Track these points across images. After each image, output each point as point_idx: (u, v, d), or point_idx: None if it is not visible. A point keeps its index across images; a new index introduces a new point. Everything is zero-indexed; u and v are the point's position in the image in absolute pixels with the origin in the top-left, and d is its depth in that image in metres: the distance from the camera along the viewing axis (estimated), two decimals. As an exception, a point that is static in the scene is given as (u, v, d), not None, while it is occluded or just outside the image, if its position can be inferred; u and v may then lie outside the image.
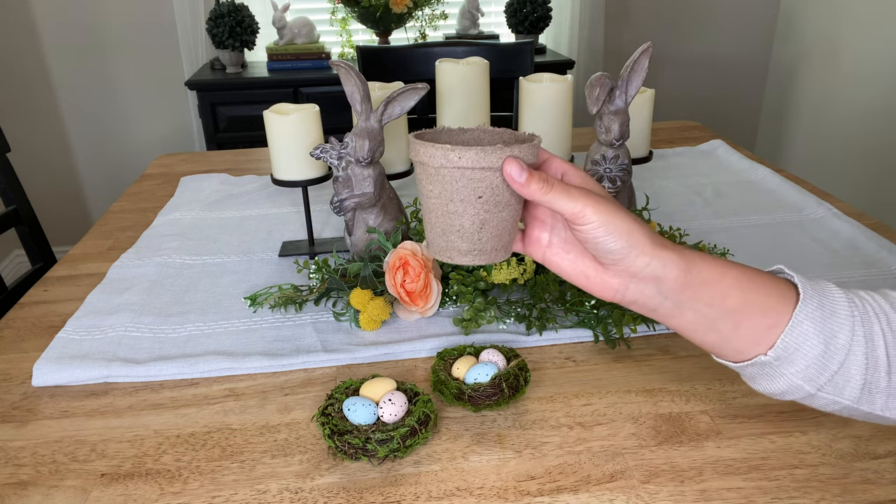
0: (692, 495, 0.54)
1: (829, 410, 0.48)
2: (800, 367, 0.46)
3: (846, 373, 0.46)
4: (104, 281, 0.90)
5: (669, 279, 0.47)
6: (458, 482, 0.56)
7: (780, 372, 0.47)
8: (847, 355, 0.45)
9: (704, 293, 0.47)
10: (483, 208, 0.47)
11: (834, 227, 0.99)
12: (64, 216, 2.51)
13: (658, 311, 0.48)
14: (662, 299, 0.47)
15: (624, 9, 2.54)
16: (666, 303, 0.48)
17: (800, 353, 0.45)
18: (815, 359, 0.45)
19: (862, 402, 0.46)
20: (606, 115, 0.85)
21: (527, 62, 1.64)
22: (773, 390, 0.48)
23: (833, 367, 0.45)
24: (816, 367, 0.46)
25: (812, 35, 2.46)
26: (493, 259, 0.49)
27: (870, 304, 0.47)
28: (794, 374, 0.46)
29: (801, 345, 0.45)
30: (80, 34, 2.30)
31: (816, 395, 0.47)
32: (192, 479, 0.57)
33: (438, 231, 0.49)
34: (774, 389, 0.48)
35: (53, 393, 0.69)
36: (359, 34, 2.40)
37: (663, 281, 0.47)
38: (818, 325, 0.45)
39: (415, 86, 0.80)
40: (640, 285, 0.48)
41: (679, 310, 0.48)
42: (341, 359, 0.73)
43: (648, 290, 0.47)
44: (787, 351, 0.46)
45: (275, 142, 0.89)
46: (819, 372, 0.46)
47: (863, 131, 2.25)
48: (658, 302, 0.48)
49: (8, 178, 1.22)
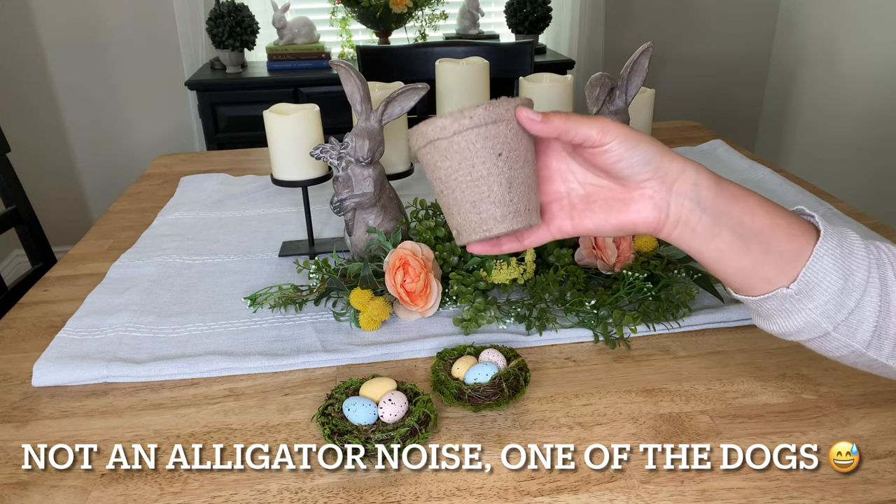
0: (692, 495, 0.54)
1: (837, 355, 0.48)
2: (819, 302, 0.46)
3: (861, 313, 0.46)
4: (104, 281, 0.90)
5: (705, 185, 0.47)
6: (458, 482, 0.56)
7: (799, 307, 0.47)
8: (863, 294, 0.46)
9: (736, 208, 0.47)
10: (506, 165, 0.46)
11: (834, 227, 0.99)
12: (64, 216, 2.51)
13: (697, 232, 0.48)
14: (701, 213, 0.47)
15: (624, 9, 2.54)
16: (705, 218, 0.47)
17: (820, 289, 0.46)
18: (834, 294, 0.46)
19: (871, 346, 0.47)
20: (606, 114, 0.85)
21: (527, 62, 1.64)
22: (789, 328, 0.48)
23: (850, 304, 0.46)
24: (835, 303, 0.46)
25: (812, 35, 2.46)
26: (528, 221, 0.48)
27: (884, 251, 0.48)
28: (814, 309, 0.46)
29: (821, 280, 0.46)
30: (80, 34, 2.30)
31: (830, 334, 0.47)
32: (192, 479, 0.57)
33: (468, 207, 0.48)
34: (791, 327, 0.48)
35: (53, 393, 0.69)
36: (359, 34, 2.40)
37: (700, 187, 0.47)
38: (838, 262, 0.46)
39: (415, 86, 0.80)
40: (679, 198, 0.47)
41: (717, 227, 0.47)
42: (341, 359, 0.73)
43: (688, 202, 0.47)
44: (809, 286, 0.46)
45: (275, 142, 0.89)
46: (837, 309, 0.46)
47: (863, 131, 2.25)
48: (698, 217, 0.47)
49: (8, 178, 1.22)
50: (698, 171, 0.48)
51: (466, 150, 0.46)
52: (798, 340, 0.49)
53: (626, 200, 0.49)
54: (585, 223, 0.50)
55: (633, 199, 0.48)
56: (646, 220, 0.48)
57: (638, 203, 0.48)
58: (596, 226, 0.50)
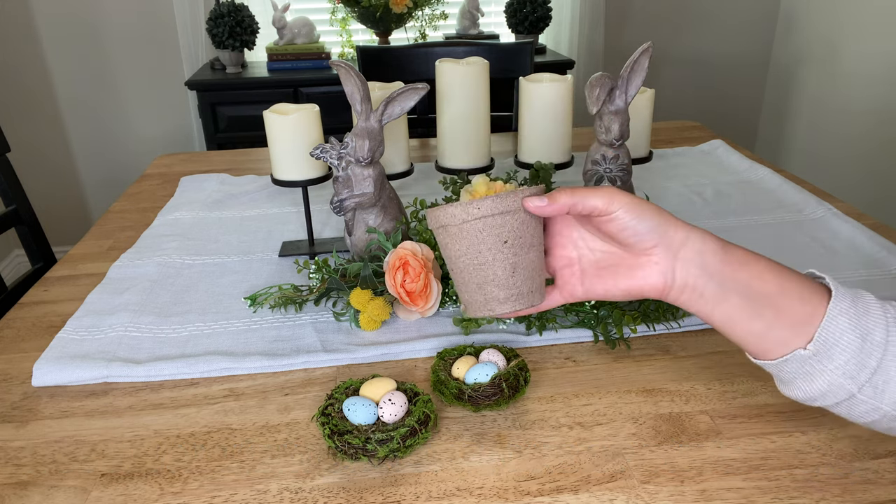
0: (692, 495, 0.54)
1: (868, 420, 0.47)
2: (839, 362, 0.45)
3: (885, 373, 0.45)
4: (104, 281, 0.90)
5: (710, 252, 0.48)
6: (458, 482, 0.56)
7: (819, 368, 0.46)
8: (884, 353, 0.45)
9: (743, 273, 0.48)
10: (511, 251, 0.50)
11: (834, 227, 0.99)
12: (64, 216, 2.51)
13: (705, 296, 0.48)
14: (708, 279, 0.48)
15: (624, 9, 2.54)
16: (711, 284, 0.48)
17: (838, 348, 0.45)
18: (854, 354, 0.45)
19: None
20: (606, 115, 0.85)
21: (527, 62, 1.64)
22: (812, 391, 0.47)
23: (872, 363, 0.45)
24: (856, 363, 0.45)
25: (812, 35, 2.46)
26: (531, 302, 0.51)
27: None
28: (834, 370, 0.46)
29: (838, 340, 0.45)
30: (80, 34, 2.30)
31: (856, 396, 0.46)
32: (192, 479, 0.57)
33: (474, 287, 0.51)
34: (814, 390, 0.47)
35: (53, 393, 0.69)
36: (359, 34, 2.40)
37: (705, 253, 0.48)
38: (853, 321, 0.46)
39: (415, 86, 0.80)
40: (685, 264, 0.48)
41: (724, 292, 0.48)
42: (341, 359, 0.73)
43: (693, 268, 0.48)
44: (826, 346, 0.45)
45: (275, 142, 0.89)
46: (859, 369, 0.45)
47: (863, 131, 2.25)
48: (704, 283, 0.48)
49: (8, 178, 1.22)
50: (704, 238, 0.49)
51: (474, 236, 0.50)
52: (825, 406, 0.48)
53: (633, 266, 0.50)
54: (596, 288, 0.52)
55: (639, 265, 0.50)
56: (652, 286, 0.50)
57: (644, 269, 0.50)
58: (605, 290, 0.52)
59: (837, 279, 0.83)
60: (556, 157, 1.00)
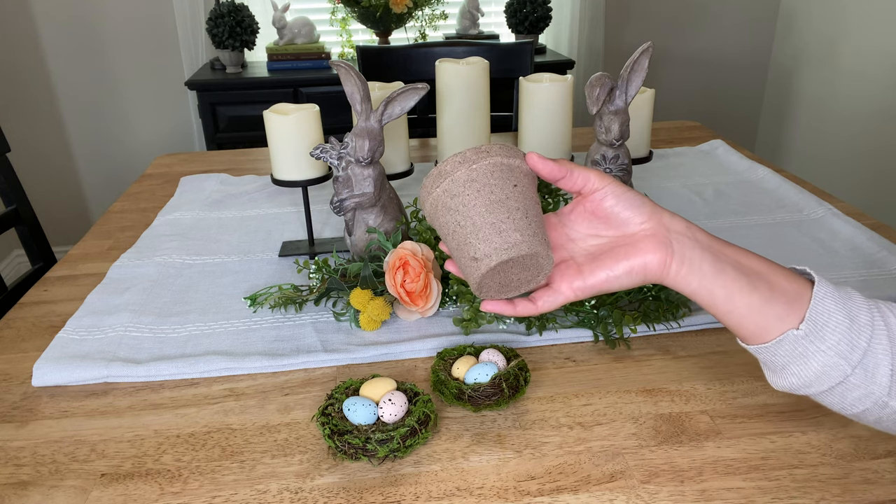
0: (692, 495, 0.54)
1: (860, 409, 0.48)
2: (831, 342, 0.46)
3: (874, 356, 0.46)
4: (104, 281, 0.90)
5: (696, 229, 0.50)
6: (458, 482, 0.56)
7: (813, 349, 0.46)
8: (872, 336, 0.46)
9: (730, 250, 0.50)
10: (522, 194, 0.50)
11: (834, 227, 0.99)
12: (64, 216, 2.51)
13: (704, 268, 0.49)
14: (702, 250, 0.49)
15: (624, 9, 2.54)
16: (707, 255, 0.49)
17: (828, 328, 0.46)
18: (844, 334, 0.46)
19: (892, 394, 0.46)
20: (606, 115, 0.85)
21: (527, 62, 1.64)
22: (807, 374, 0.47)
23: (862, 343, 0.46)
24: (847, 342, 0.46)
25: (812, 35, 2.46)
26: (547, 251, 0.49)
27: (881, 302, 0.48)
28: (827, 350, 0.46)
29: (828, 320, 0.46)
30: (80, 34, 2.30)
31: (850, 379, 0.46)
32: (192, 479, 0.57)
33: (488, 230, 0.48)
34: (809, 373, 0.47)
35: (53, 393, 0.69)
36: (359, 34, 2.40)
37: (693, 229, 0.50)
38: (839, 303, 0.46)
39: (415, 86, 0.80)
40: (678, 236, 0.49)
41: (720, 263, 0.49)
42: (341, 359, 0.73)
43: (686, 240, 0.49)
44: (817, 325, 0.46)
45: (275, 142, 0.89)
46: (851, 348, 0.46)
47: (863, 131, 2.25)
48: (700, 255, 0.49)
49: (8, 178, 1.22)
50: (686, 220, 0.51)
51: (488, 175, 0.50)
52: (819, 392, 0.48)
53: (630, 244, 0.51)
54: (597, 275, 0.51)
55: (636, 241, 0.51)
56: (654, 257, 0.50)
57: (642, 243, 0.50)
58: (607, 275, 0.51)
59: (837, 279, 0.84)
60: (556, 156, 0.99)
